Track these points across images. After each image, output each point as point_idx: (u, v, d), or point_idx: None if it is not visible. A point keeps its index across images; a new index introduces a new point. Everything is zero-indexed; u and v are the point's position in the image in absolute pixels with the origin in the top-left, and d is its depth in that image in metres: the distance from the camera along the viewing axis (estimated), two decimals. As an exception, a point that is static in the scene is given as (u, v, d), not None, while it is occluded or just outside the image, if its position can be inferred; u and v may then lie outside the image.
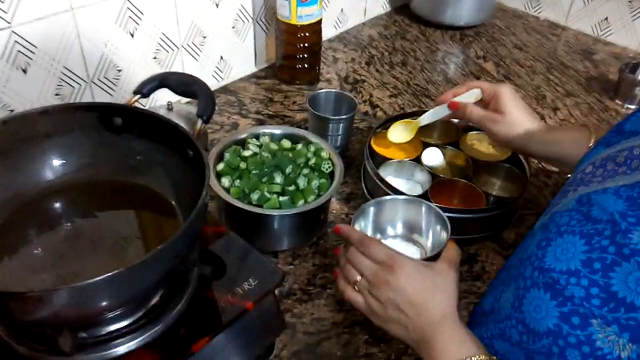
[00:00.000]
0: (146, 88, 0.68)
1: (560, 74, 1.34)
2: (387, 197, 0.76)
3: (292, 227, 0.82)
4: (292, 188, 0.82)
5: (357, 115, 1.07)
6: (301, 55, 1.19)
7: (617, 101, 1.25)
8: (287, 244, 0.84)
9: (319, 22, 1.18)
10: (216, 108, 1.11)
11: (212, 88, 1.20)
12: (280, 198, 0.80)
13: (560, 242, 0.53)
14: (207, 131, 1.05)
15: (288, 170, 0.83)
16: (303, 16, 1.13)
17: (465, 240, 0.88)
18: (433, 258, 0.66)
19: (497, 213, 0.87)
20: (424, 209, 0.75)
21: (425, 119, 0.92)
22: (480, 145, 1.01)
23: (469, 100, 0.87)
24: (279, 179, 0.82)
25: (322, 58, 1.28)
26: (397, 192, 0.87)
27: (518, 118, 0.81)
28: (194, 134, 0.63)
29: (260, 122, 1.12)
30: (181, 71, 1.12)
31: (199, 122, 0.65)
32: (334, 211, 0.93)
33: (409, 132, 0.95)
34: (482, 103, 0.86)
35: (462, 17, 1.47)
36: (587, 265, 0.50)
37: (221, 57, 1.19)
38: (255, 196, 0.80)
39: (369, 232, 0.76)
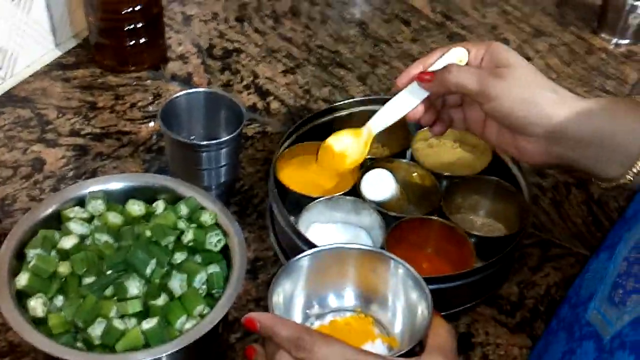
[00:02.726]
0: None
1: (520, 1, 1.22)
2: (329, 247, 0.64)
3: (173, 366, 0.62)
4: (161, 300, 0.62)
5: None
6: (131, 26, 0.96)
7: (602, 35, 1.16)
8: (169, 389, 0.64)
9: (154, -33, 0.94)
10: (2, 135, 0.86)
11: (-12, 99, 0.94)
12: (144, 325, 0.60)
13: None
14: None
15: (149, 268, 0.62)
16: (125, -37, 0.89)
17: (450, 314, 0.73)
18: (414, 350, 0.56)
19: (495, 269, 0.72)
20: (391, 266, 0.62)
21: (379, 120, 0.71)
22: (442, 146, 0.86)
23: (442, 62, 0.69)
24: (135, 287, 0.61)
25: (165, 20, 1.05)
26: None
27: (530, 72, 0.64)
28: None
29: (83, 152, 0.88)
30: None
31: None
32: (235, 297, 0.73)
33: (353, 150, 0.72)
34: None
35: None
36: None
37: (-6, 46, 0.92)
38: (97, 330, 0.60)
39: (299, 305, 0.63)
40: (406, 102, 0.69)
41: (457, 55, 0.68)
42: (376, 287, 0.64)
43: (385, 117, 0.71)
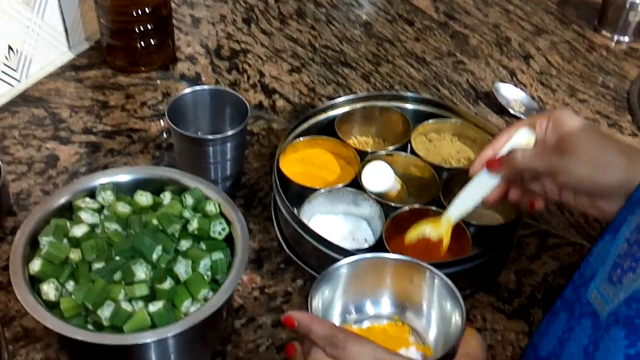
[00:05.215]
0: None
1: (521, 0, 1.24)
2: (368, 256, 0.65)
3: (179, 348, 0.65)
4: (167, 284, 0.65)
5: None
6: (142, 27, 0.99)
7: (603, 32, 1.18)
8: (175, 371, 0.67)
9: (163, -30, 0.97)
10: (17, 133, 0.90)
11: (4, 99, 0.97)
12: (151, 307, 0.63)
13: None
14: (6, 181, 0.83)
15: (155, 254, 0.65)
16: (135, -33, 0.92)
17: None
18: (448, 357, 0.57)
19: (492, 255, 0.75)
20: (426, 276, 0.64)
21: (457, 209, 0.73)
22: (441, 140, 0.89)
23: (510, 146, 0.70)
24: (142, 272, 0.64)
25: (175, 22, 1.08)
26: (332, 246, 0.74)
27: (595, 137, 0.64)
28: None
29: (95, 149, 0.91)
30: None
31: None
32: (239, 284, 0.76)
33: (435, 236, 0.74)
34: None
35: None
36: None
37: (10, 48, 0.96)
38: (106, 312, 0.63)
39: (337, 311, 0.65)
40: (481, 187, 0.71)
41: (524, 137, 0.69)
42: (412, 296, 0.65)
43: (463, 204, 0.72)
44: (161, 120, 0.96)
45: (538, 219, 0.86)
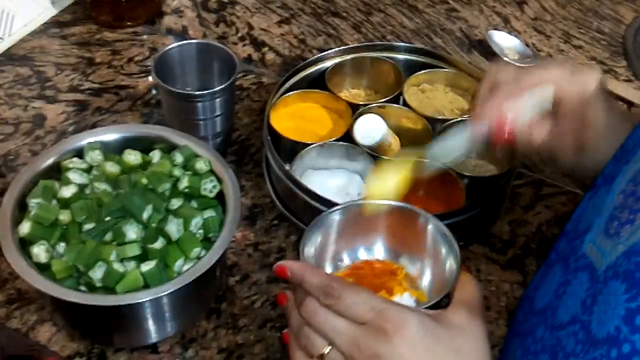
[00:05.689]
0: None
1: (515, -56, 1.21)
2: (360, 201, 0.65)
3: (172, 307, 0.66)
4: (158, 244, 0.65)
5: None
6: (126, -20, 0.97)
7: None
8: (171, 329, 0.68)
9: None
10: (2, 93, 0.88)
11: (-12, 58, 0.96)
12: (143, 267, 0.63)
13: None
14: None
15: (146, 213, 0.65)
16: None
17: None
18: (441, 303, 0.57)
19: (486, 206, 0.74)
20: (419, 222, 0.63)
21: (434, 157, 0.65)
22: (434, 91, 0.87)
23: (528, 110, 0.63)
24: (133, 232, 0.64)
25: (160, -25, 1.06)
26: (325, 201, 0.73)
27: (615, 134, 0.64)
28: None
29: (82, 107, 0.90)
30: None
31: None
32: (233, 241, 0.76)
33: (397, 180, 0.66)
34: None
35: None
36: None
37: (-9, 5, 0.94)
38: (97, 273, 0.63)
39: (330, 257, 0.65)
40: (466, 139, 0.64)
41: (546, 95, 0.63)
42: (405, 241, 0.65)
43: (444, 150, 0.66)
44: (149, 77, 0.94)
45: (532, 168, 0.86)
